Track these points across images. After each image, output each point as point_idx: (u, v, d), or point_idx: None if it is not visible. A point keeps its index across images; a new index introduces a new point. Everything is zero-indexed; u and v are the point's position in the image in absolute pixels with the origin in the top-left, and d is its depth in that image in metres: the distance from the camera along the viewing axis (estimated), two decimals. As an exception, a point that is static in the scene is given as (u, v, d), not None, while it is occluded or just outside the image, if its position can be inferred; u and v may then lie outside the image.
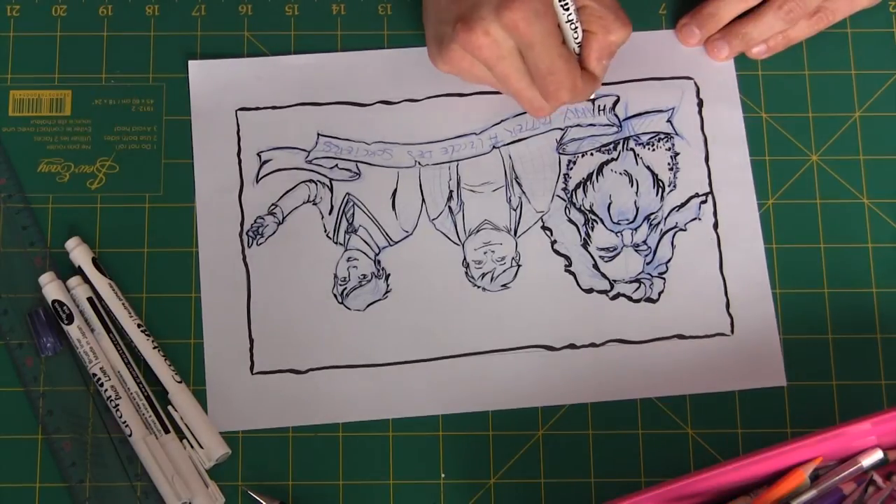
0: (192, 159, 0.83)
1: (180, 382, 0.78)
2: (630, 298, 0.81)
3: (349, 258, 0.81)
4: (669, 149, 0.84)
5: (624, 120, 0.85)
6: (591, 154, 0.84)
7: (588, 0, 0.78)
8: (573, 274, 0.82)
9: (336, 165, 0.83)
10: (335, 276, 0.81)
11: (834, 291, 0.82)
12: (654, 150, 0.84)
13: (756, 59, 0.85)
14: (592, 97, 0.83)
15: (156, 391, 0.78)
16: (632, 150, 0.84)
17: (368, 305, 0.81)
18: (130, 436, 0.77)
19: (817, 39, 0.86)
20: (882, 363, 0.80)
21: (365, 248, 0.82)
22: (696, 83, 0.85)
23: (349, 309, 0.80)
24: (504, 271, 0.81)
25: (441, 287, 0.81)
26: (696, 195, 0.83)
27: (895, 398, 0.80)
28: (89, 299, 0.80)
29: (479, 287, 0.81)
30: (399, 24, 0.87)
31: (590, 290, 0.81)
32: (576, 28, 0.78)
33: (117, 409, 0.77)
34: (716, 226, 0.83)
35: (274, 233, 0.82)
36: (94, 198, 0.82)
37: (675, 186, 0.83)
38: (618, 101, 0.85)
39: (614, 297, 0.81)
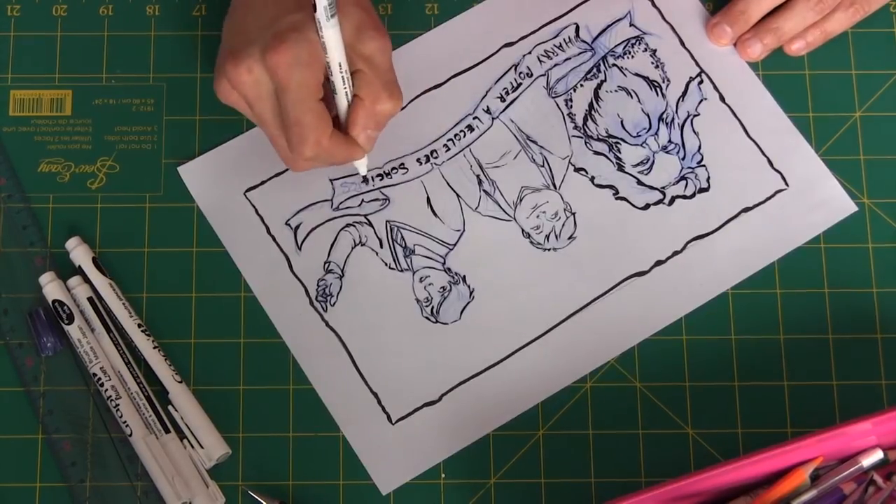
0: (229, 253, 0.82)
1: (180, 382, 0.78)
2: (685, 197, 0.82)
3: (421, 279, 0.81)
4: (646, 49, 0.86)
5: (593, 41, 0.86)
6: (581, 85, 0.85)
7: (363, 65, 0.74)
8: (625, 198, 0.83)
9: (363, 201, 0.83)
10: (417, 300, 0.81)
11: (834, 291, 0.82)
12: (633, 56, 0.86)
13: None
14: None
15: (156, 391, 0.79)
16: (614, 65, 0.85)
17: (462, 312, 0.80)
18: (131, 435, 0.77)
19: (817, 39, 0.87)
20: (882, 363, 0.80)
21: (430, 262, 0.81)
22: None
23: (447, 324, 0.80)
24: (563, 225, 0.82)
25: (516, 265, 0.81)
26: (691, 79, 0.85)
27: (895, 398, 0.80)
28: (89, 299, 0.80)
29: (548, 249, 0.82)
30: (401, 23, 0.87)
31: (646, 206, 0.82)
32: (335, 89, 0.75)
33: (117, 409, 0.77)
34: (723, 98, 0.84)
35: (341, 288, 0.81)
36: (94, 198, 0.83)
37: (668, 80, 0.85)
38: (578, 27, 0.86)
39: (671, 202, 0.82)
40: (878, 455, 0.73)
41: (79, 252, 0.81)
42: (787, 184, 0.83)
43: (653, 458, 0.78)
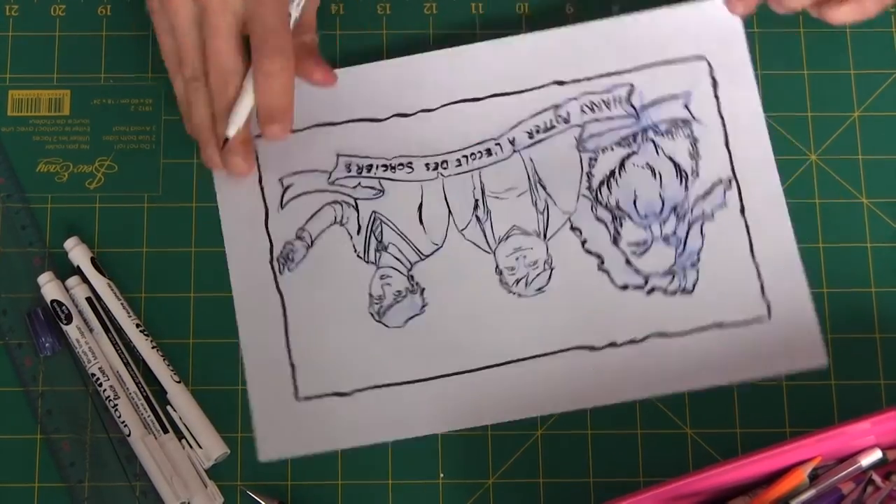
0: (215, 195, 0.82)
1: (179, 382, 0.78)
2: (666, 291, 0.81)
3: (382, 276, 0.81)
4: (689, 135, 0.83)
5: (641, 109, 0.84)
6: (612, 149, 0.83)
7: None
8: (606, 272, 0.81)
9: (359, 184, 0.83)
10: (370, 294, 0.81)
11: (834, 291, 0.82)
12: (673, 138, 0.83)
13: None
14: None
15: (154, 391, 0.79)
16: (651, 140, 0.83)
17: (407, 321, 0.80)
18: (129, 436, 0.77)
19: (817, 39, 0.86)
20: (882, 363, 0.80)
21: (397, 264, 0.81)
22: (708, 62, 0.84)
23: (388, 326, 0.80)
24: (538, 275, 0.81)
25: (476, 296, 0.81)
26: (720, 181, 0.83)
27: (894, 398, 0.80)
28: (88, 299, 0.80)
29: (514, 293, 0.81)
30: (400, 23, 0.87)
31: (625, 287, 0.81)
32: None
33: (116, 409, 0.77)
34: (742, 211, 0.82)
35: (304, 257, 0.81)
36: (92, 197, 0.83)
37: (697, 174, 0.83)
38: (632, 89, 0.84)
39: (650, 292, 0.81)
40: (876, 455, 0.73)
41: (77, 252, 0.81)
42: (769, 316, 0.80)
43: (652, 458, 0.78)
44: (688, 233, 0.82)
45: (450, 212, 0.82)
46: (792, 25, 0.87)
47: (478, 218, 0.82)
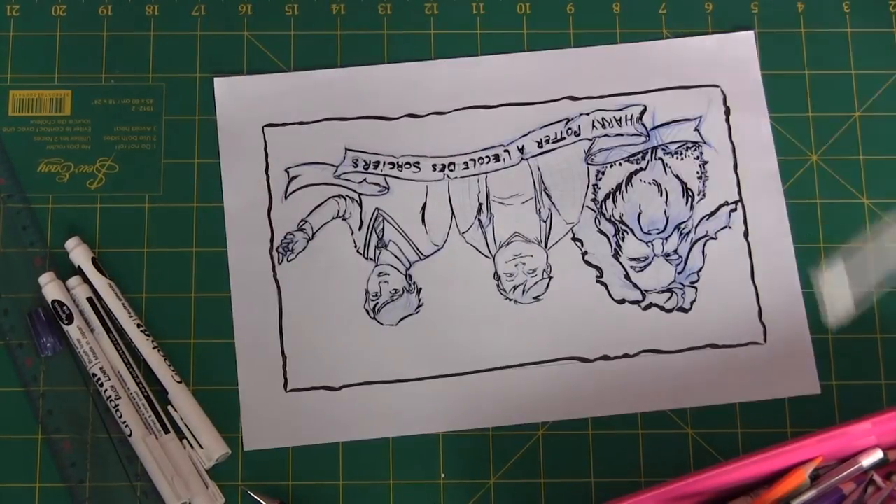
0: (220, 174, 0.83)
1: (180, 382, 0.78)
2: (662, 308, 0.81)
3: (380, 273, 0.81)
4: (698, 157, 0.84)
5: (651, 129, 0.84)
6: (620, 164, 0.84)
7: None
8: (605, 285, 0.81)
9: (365, 180, 0.83)
10: (366, 291, 0.81)
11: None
12: (682, 158, 0.84)
13: None
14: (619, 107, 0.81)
15: (155, 391, 0.78)
16: (660, 159, 0.84)
17: (401, 320, 0.80)
18: (130, 436, 0.77)
19: (817, 39, 0.86)
20: (882, 363, 0.80)
21: (396, 262, 0.81)
22: (722, 91, 0.85)
23: (381, 324, 0.80)
24: (535, 283, 0.81)
25: (473, 300, 0.81)
26: (726, 203, 0.83)
27: (895, 398, 0.80)
28: (89, 299, 0.80)
29: (510, 300, 0.81)
30: (400, 24, 0.87)
31: (622, 301, 0.81)
32: None
33: (117, 409, 0.77)
34: (746, 234, 0.82)
35: (304, 249, 0.81)
36: (93, 198, 0.83)
37: (704, 195, 0.83)
38: (645, 110, 0.84)
39: (646, 308, 0.81)
40: (877, 455, 0.73)
41: (78, 252, 0.81)
42: (765, 340, 0.80)
43: (653, 458, 0.78)
44: (689, 251, 0.82)
45: (453, 214, 0.82)
46: (793, 26, 0.87)
47: (480, 222, 0.82)
